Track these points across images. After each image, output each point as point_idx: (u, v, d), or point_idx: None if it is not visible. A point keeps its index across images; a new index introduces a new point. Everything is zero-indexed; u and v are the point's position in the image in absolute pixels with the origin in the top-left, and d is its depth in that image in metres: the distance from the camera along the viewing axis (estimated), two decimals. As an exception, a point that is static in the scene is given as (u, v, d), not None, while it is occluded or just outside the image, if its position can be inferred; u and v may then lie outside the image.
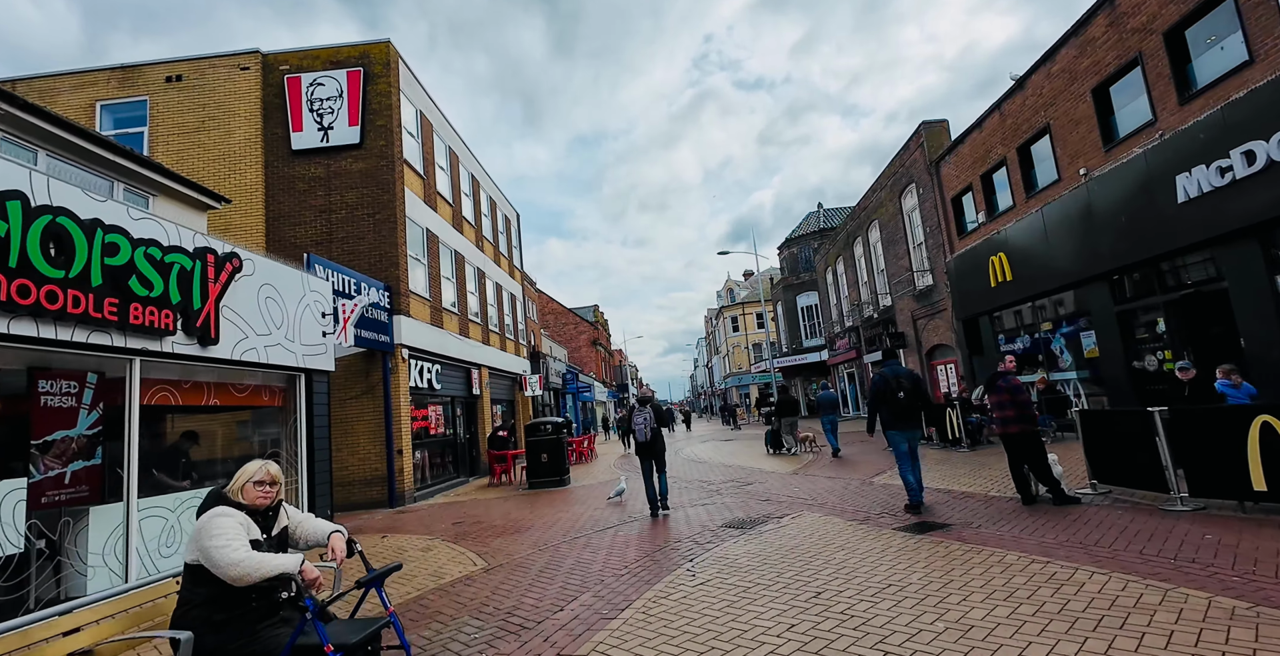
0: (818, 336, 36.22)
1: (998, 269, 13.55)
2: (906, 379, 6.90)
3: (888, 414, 6.91)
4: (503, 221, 21.73)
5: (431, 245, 14.11)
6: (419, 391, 12.95)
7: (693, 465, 13.72)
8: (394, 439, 11.54)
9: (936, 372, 18.79)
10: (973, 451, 11.17)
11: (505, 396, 20.15)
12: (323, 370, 8.75)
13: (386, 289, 11.83)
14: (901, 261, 20.01)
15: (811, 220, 38.36)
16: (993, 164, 13.94)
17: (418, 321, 12.84)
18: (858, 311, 25.31)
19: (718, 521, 7.15)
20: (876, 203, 21.88)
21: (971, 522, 5.96)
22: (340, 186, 12.38)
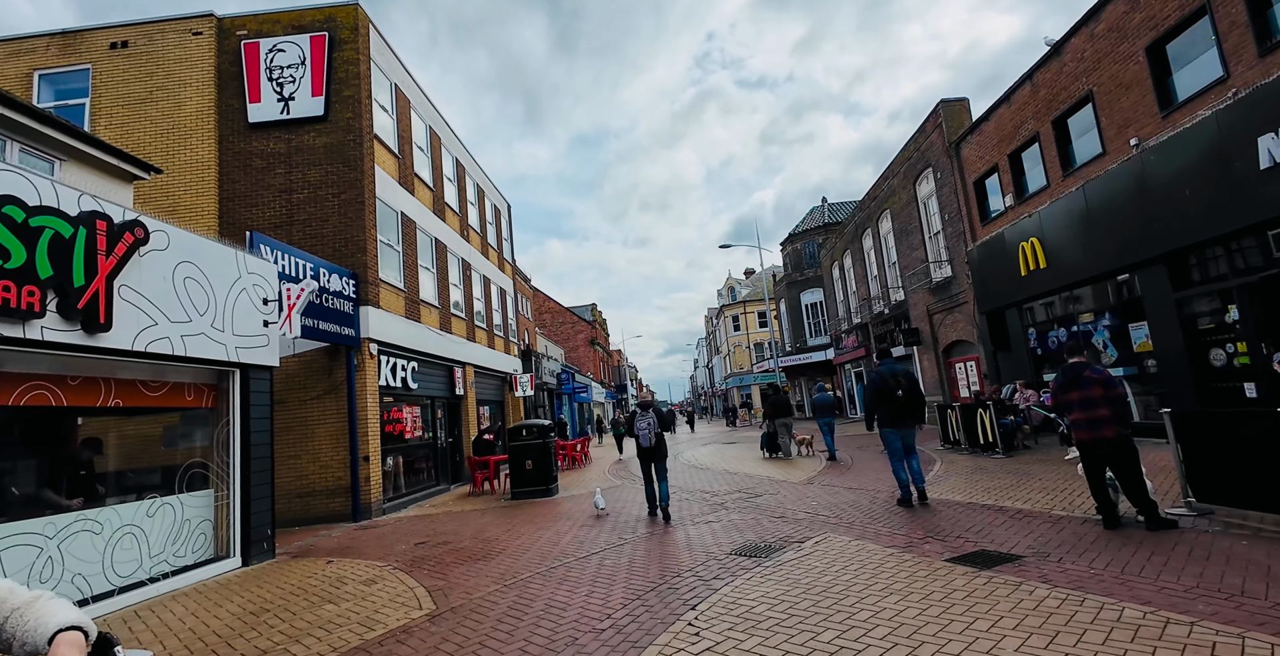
0: (822, 335, 34.97)
1: (1029, 256, 12.30)
2: (904, 378, 6.98)
3: (885, 412, 7.00)
4: (491, 211, 20.50)
5: (408, 231, 12.88)
6: (391, 391, 11.70)
7: (694, 473, 12.47)
8: (359, 444, 10.30)
9: (955, 371, 17.54)
10: (1009, 458, 9.92)
11: (494, 397, 18.90)
12: (264, 365, 7.50)
13: (352, 277, 10.60)
14: (916, 253, 18.77)
15: (816, 215, 37.13)
16: (1023, 141, 12.69)
17: (389, 313, 11.60)
18: (867, 307, 24.07)
19: (725, 546, 5.90)
20: (888, 191, 20.64)
21: (1047, 553, 4.72)
22: (302, 163, 11.15)
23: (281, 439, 10.36)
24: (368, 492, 10.24)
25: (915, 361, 19.97)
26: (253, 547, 7.10)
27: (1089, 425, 5.15)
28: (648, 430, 7.78)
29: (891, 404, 6.91)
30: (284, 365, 10.56)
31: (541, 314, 49.50)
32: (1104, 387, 5.09)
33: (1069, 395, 5.27)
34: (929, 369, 18.88)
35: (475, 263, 17.60)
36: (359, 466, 10.22)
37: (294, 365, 10.61)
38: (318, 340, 9.58)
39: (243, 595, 5.71)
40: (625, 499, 9.63)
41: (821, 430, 12.76)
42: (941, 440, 12.32)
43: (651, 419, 7.85)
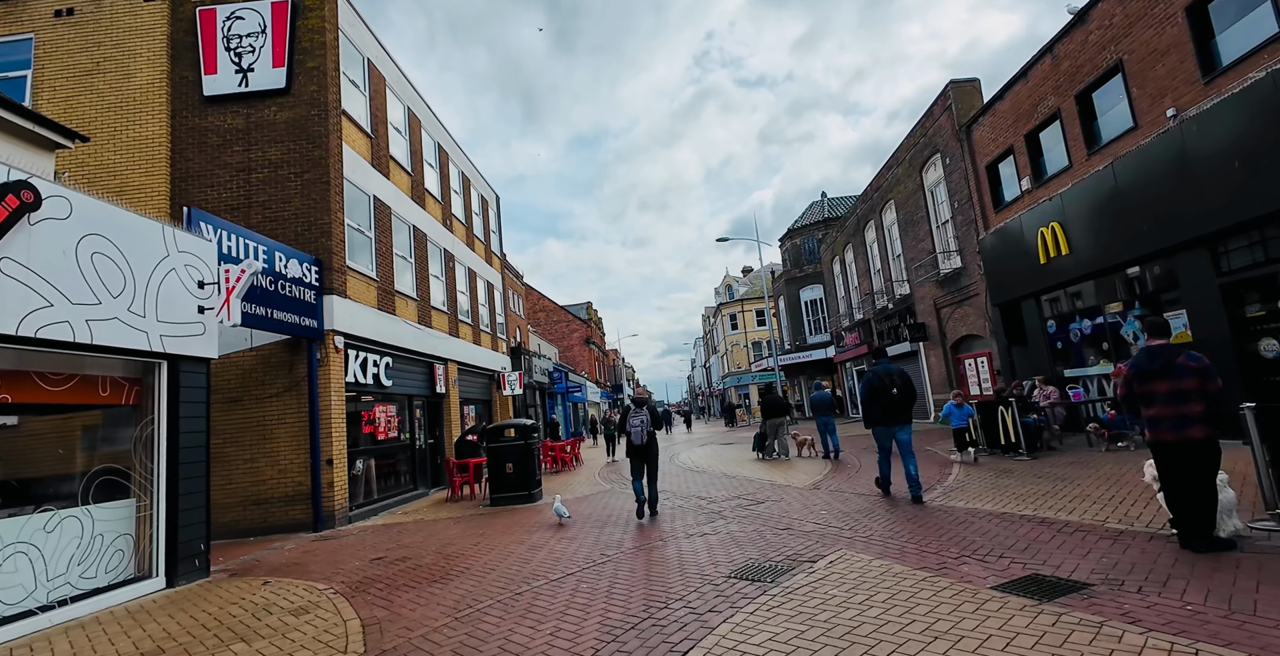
0: (822, 332, 34.12)
1: (1049, 242, 11.44)
2: (899, 377, 7.13)
3: (880, 410, 7.12)
4: (478, 201, 19.58)
5: (381, 216, 11.96)
6: (361, 388, 10.79)
7: (690, 476, 11.56)
8: (321, 446, 9.38)
9: (964, 367, 16.63)
10: (1035, 460, 9.04)
11: (479, 396, 17.98)
12: (198, 357, 6.57)
13: (315, 263, 9.69)
14: (923, 244, 17.90)
15: (815, 209, 36.29)
16: (1042, 118, 11.83)
17: (359, 304, 10.68)
18: (870, 302, 23.21)
19: (724, 566, 5.01)
20: (893, 180, 19.78)
21: (1119, 580, 3.84)
22: (262, 140, 10.23)
23: (237, 440, 9.48)
24: (331, 499, 9.32)
25: (921, 358, 19.11)
26: (181, 565, 6.18)
27: (1175, 424, 4.24)
28: (640, 427, 7.52)
29: (886, 402, 7.07)
30: (240, 359, 9.67)
31: (536, 312, 48.59)
32: (1201, 379, 4.16)
33: (1155, 385, 4.32)
34: (936, 366, 18.02)
35: (459, 254, 16.69)
36: (321, 471, 9.30)
37: (251, 359, 9.70)
38: (272, 331, 8.67)
39: (146, 627, 4.79)
40: (613, 506, 8.73)
41: (820, 430, 12.30)
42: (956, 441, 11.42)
43: (644, 416, 7.57)
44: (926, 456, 11.09)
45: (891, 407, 7.05)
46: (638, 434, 7.53)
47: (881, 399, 7.08)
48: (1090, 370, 11.34)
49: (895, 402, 7.03)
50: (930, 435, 15.29)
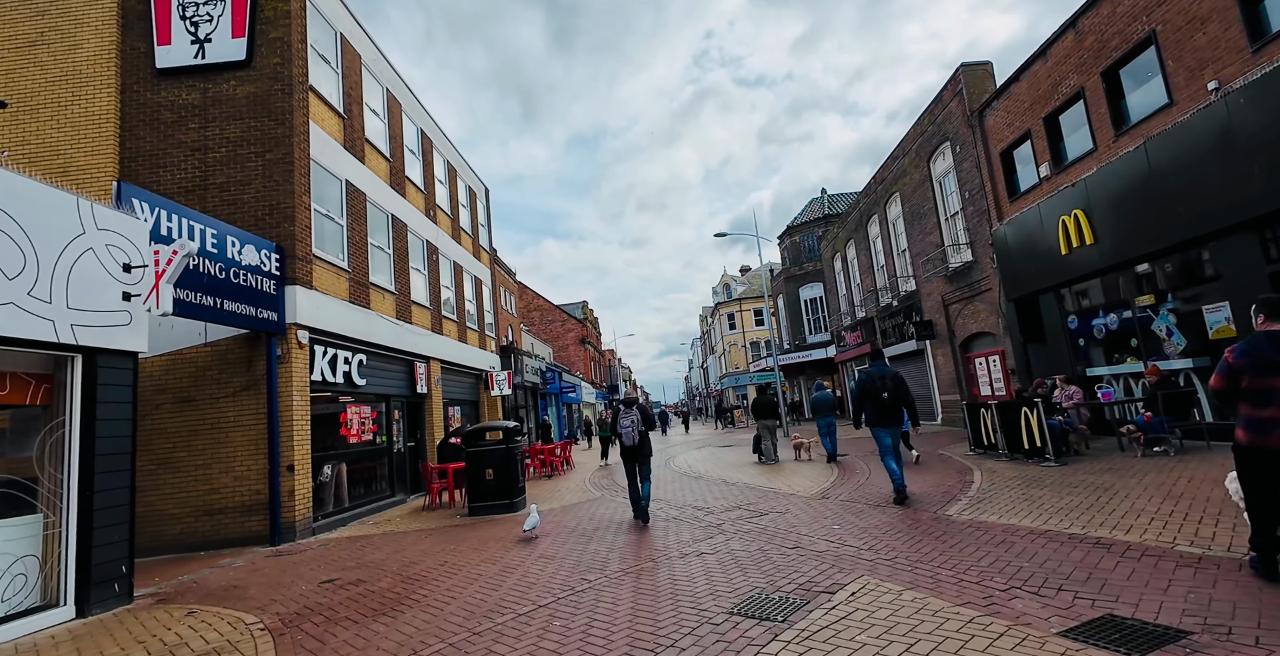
0: (822, 332, 33.35)
1: (1071, 231, 10.67)
2: (890, 379, 7.16)
3: (872, 412, 7.16)
4: (465, 193, 18.75)
5: (355, 203, 11.13)
6: (330, 387, 9.96)
7: (686, 482, 10.75)
8: (281, 451, 8.54)
9: (974, 367, 15.86)
10: (1063, 466, 8.24)
11: (466, 396, 17.15)
12: (122, 351, 5.74)
13: (276, 250, 8.85)
14: (930, 237, 17.13)
15: (815, 206, 35.54)
16: (1063, 99, 11.06)
17: (327, 296, 9.85)
18: (873, 300, 22.44)
19: (724, 597, 4.20)
20: (898, 171, 19.00)
21: (1221, 624, 3.05)
22: (220, 117, 9.40)
23: (189, 445, 8.64)
24: (291, 509, 8.48)
25: (928, 357, 18.33)
26: (96, 592, 5.34)
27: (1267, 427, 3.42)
28: (631, 428, 7.41)
29: (877, 404, 7.11)
30: (194, 356, 8.84)
31: (530, 311, 47.76)
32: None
33: (1271, 381, 3.46)
34: (944, 365, 17.25)
35: (444, 246, 15.86)
36: (280, 478, 8.46)
37: (206, 356, 8.86)
38: (223, 323, 7.83)
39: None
40: (601, 516, 7.91)
41: (820, 431, 11.91)
42: (972, 444, 10.65)
43: (635, 416, 7.45)
44: (939, 460, 10.30)
45: (884, 410, 7.09)
46: (628, 435, 7.40)
47: (873, 400, 7.14)
48: (1117, 368, 10.56)
49: (887, 405, 7.08)
50: (939, 437, 14.51)
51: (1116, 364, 10.59)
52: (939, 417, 17.90)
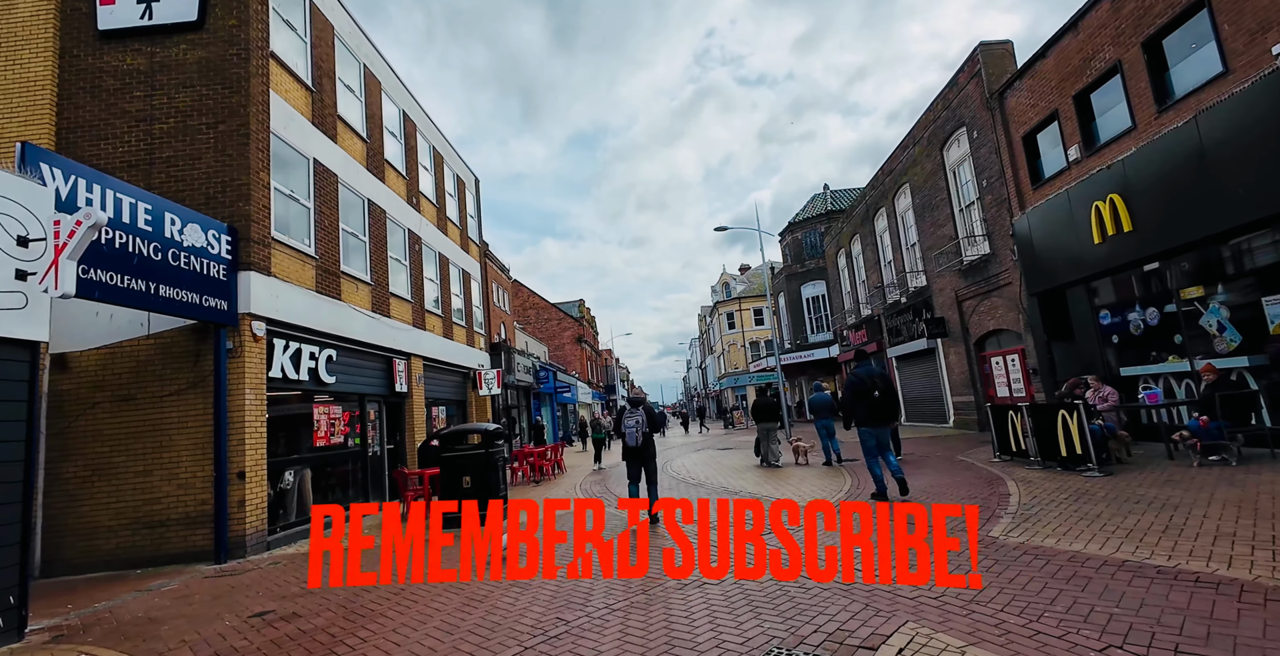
0: (824, 331, 32.45)
1: (1106, 218, 9.78)
2: (880, 379, 7.32)
3: (864, 412, 7.22)
4: (453, 182, 17.82)
5: (324, 184, 10.20)
6: (294, 385, 9.03)
7: (684, 490, 9.83)
8: (230, 455, 7.61)
9: (990, 366, 15.00)
10: (1109, 476, 7.33)
11: (452, 396, 16.22)
12: (13, 340, 4.80)
13: (228, 232, 7.92)
14: (943, 229, 16.23)
15: (818, 202, 34.65)
16: (1096, 74, 10.17)
17: (289, 285, 8.92)
18: (879, 297, 21.54)
19: (736, 652, 3.29)
20: (908, 161, 18.11)
21: None
22: (169, 84, 8.46)
23: (128, 448, 7.71)
24: (241, 521, 7.55)
25: (939, 356, 17.43)
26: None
27: None
28: (635, 429, 7.28)
29: (870, 404, 7.20)
30: (134, 349, 7.91)
31: (525, 309, 46.85)
32: None
33: None
34: (956, 365, 16.35)
35: (428, 236, 14.92)
36: (228, 486, 7.52)
37: (148, 349, 7.92)
38: (156, 311, 6.90)
39: None
40: (588, 532, 6.99)
41: (819, 433, 11.53)
42: (998, 450, 9.75)
43: (640, 417, 7.32)
44: (961, 467, 9.40)
45: (876, 409, 7.19)
46: (632, 435, 7.26)
47: (866, 400, 7.20)
48: (1156, 368, 9.67)
49: (879, 404, 7.17)
50: (952, 441, 13.61)
51: (1154, 363, 9.69)
52: (951, 419, 17.01)
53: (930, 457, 11.24)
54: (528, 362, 23.68)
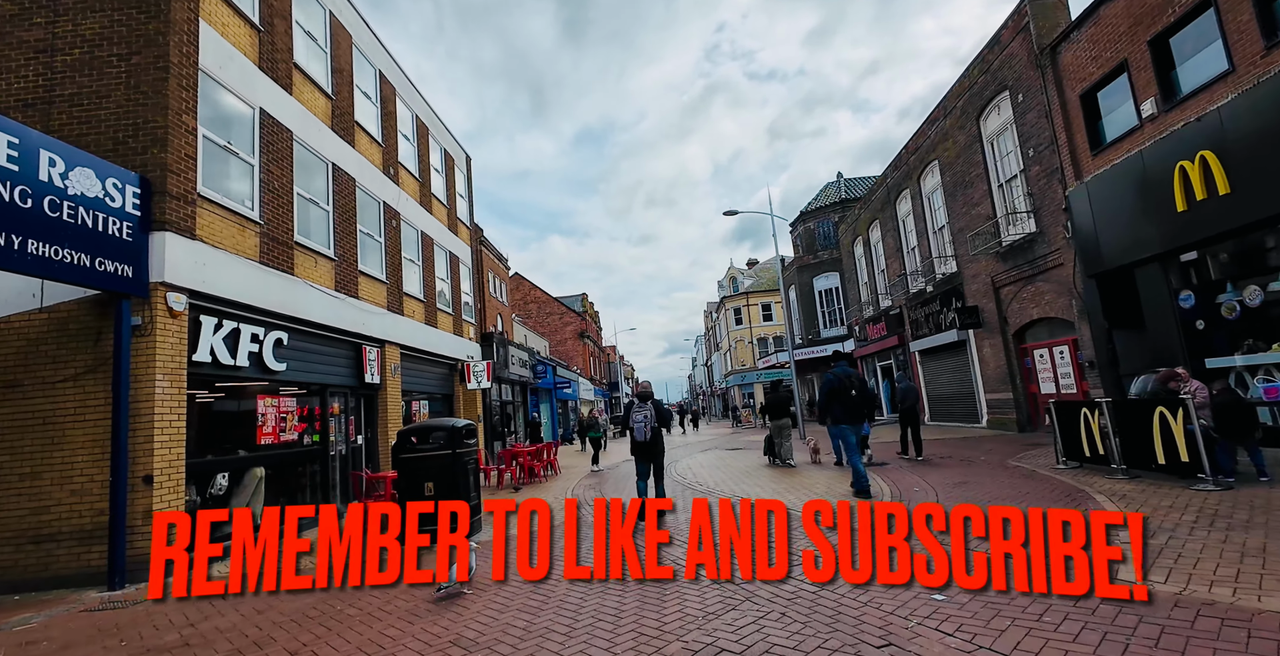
0: (838, 325, 30.91)
1: (1195, 180, 8.23)
2: (856, 379, 7.64)
3: (840, 410, 7.51)
4: (440, 157, 16.38)
5: (274, 139, 8.78)
6: (229, 373, 7.61)
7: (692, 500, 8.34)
8: (133, 456, 6.20)
9: (1032, 359, 13.47)
10: (1226, 489, 5.82)
11: (436, 389, 14.81)
12: None
13: (138, 182, 6.50)
14: (977, 209, 14.68)
15: (831, 191, 33.06)
16: (1180, 13, 8.61)
17: (222, 252, 7.49)
18: (901, 286, 19.99)
19: None
20: (937, 136, 16.54)
21: None
22: (75, 8, 7.04)
23: (12, 446, 6.35)
24: (146, 537, 6.13)
25: (970, 349, 15.89)
26: None
27: None
28: (644, 423, 7.17)
29: (845, 403, 7.43)
30: (23, 325, 6.52)
31: (526, 304, 45.50)
32: None
33: None
34: (991, 358, 14.81)
35: (408, 213, 13.49)
36: (128, 493, 6.11)
37: (39, 325, 6.52)
38: (23, 272, 5.47)
39: None
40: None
41: (830, 434, 10.05)
42: (1064, 455, 8.23)
43: (649, 411, 7.22)
44: (1016, 474, 7.90)
45: (851, 408, 7.45)
46: (641, 430, 7.14)
47: (842, 399, 7.42)
48: (1257, 358, 8.12)
49: (855, 403, 7.43)
50: (988, 442, 12.09)
51: (1252, 352, 8.15)
52: (984, 419, 15.47)
53: (974, 463, 9.74)
54: (524, 355, 22.25)
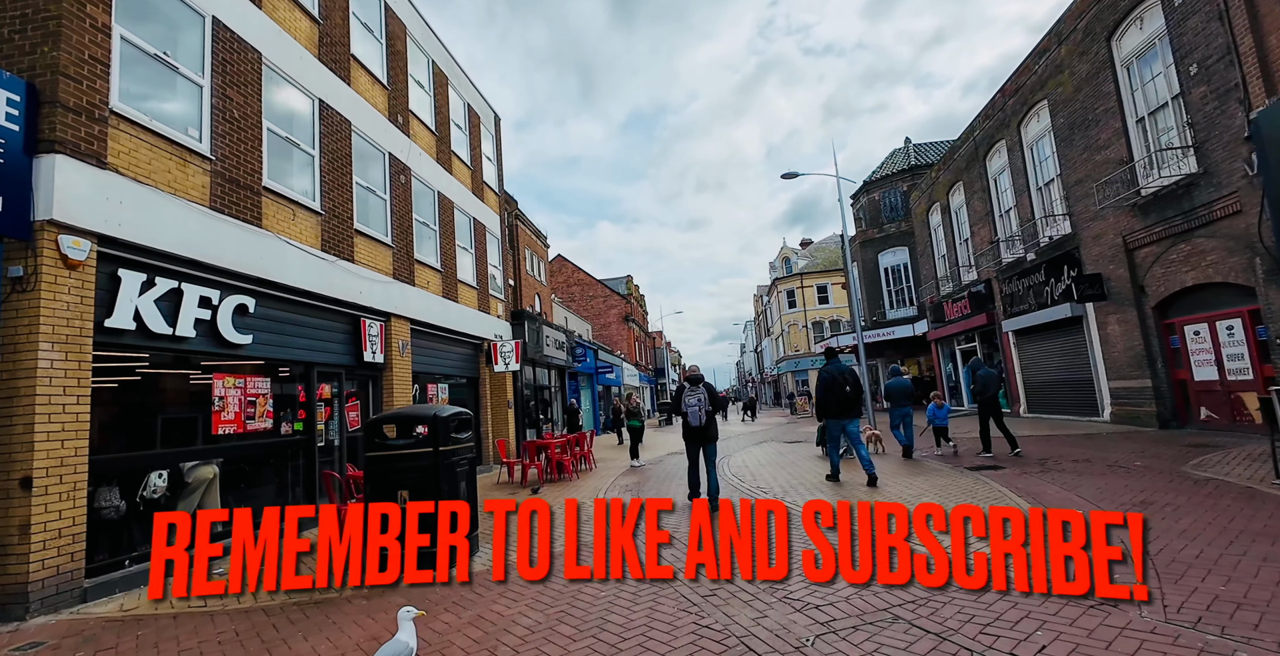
0: (906, 305, 28.02)
1: None
2: (849, 375, 7.89)
3: (834, 405, 7.78)
4: (462, 111, 14.63)
5: (233, 59, 7.10)
6: (168, 344, 6.02)
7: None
8: (7, 451, 4.63)
9: (1182, 338, 10.76)
10: None
11: (457, 371, 13.21)
12: None
13: (27, 91, 4.88)
14: (1106, 152, 11.91)
15: (898, 157, 29.97)
16: None
17: (151, 189, 5.86)
18: (991, 256, 17.20)
19: None
20: (1045, 70, 13.71)
21: None
22: None
23: None
24: (24, 559, 4.57)
25: (1088, 327, 13.18)
26: None
27: None
28: (697, 407, 6.90)
29: (840, 398, 7.74)
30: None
31: (569, 286, 44.04)
32: None
33: None
34: (1119, 337, 12.10)
35: (420, 169, 11.79)
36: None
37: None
38: None
39: None
40: (604, 612, 3.67)
41: (894, 422, 10.36)
42: None
43: (702, 394, 6.95)
44: (1213, 490, 5.52)
45: (845, 403, 7.76)
46: (694, 414, 6.90)
47: (837, 395, 7.74)
48: None
49: (848, 398, 7.76)
50: (1120, 442, 9.53)
51: None
52: (1106, 411, 12.78)
53: (1127, 470, 7.34)
54: (559, 336, 20.52)
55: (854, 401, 7.78)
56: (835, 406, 7.76)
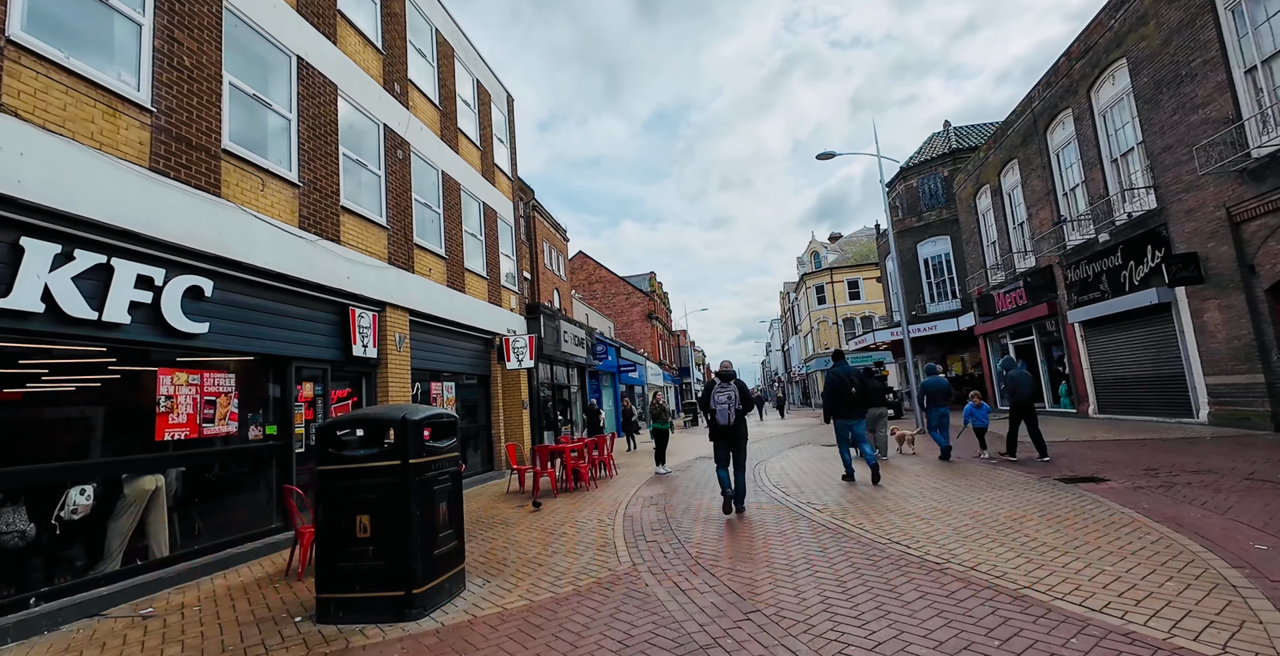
0: (948, 298, 26.24)
1: None
2: (856, 377, 8.00)
3: (841, 406, 7.98)
4: (471, 88, 13.53)
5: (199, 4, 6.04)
6: (94, 331, 4.95)
7: (808, 539, 5.00)
8: None
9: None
10: None
11: (467, 368, 12.10)
12: None
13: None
14: (1201, 112, 10.28)
15: (938, 141, 28.19)
16: None
17: (62, 140, 4.79)
18: (1054, 239, 15.52)
19: None
20: (1124, 25, 12.07)
21: None
22: None
23: None
24: None
25: (1179, 315, 11.53)
26: None
27: None
28: (728, 405, 6.53)
29: (846, 399, 7.91)
30: None
31: (591, 284, 42.98)
32: None
33: None
34: (1220, 326, 10.46)
35: (422, 146, 10.69)
36: None
37: None
38: None
39: None
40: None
41: (931, 423, 9.93)
42: None
43: (733, 392, 6.54)
44: None
45: (851, 404, 7.93)
46: (724, 413, 6.54)
47: (843, 396, 7.92)
48: None
49: (855, 400, 7.92)
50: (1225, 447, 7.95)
51: None
52: (1203, 411, 11.11)
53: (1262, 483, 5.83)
54: (579, 332, 19.34)
55: (860, 402, 7.98)
56: (841, 407, 7.96)
